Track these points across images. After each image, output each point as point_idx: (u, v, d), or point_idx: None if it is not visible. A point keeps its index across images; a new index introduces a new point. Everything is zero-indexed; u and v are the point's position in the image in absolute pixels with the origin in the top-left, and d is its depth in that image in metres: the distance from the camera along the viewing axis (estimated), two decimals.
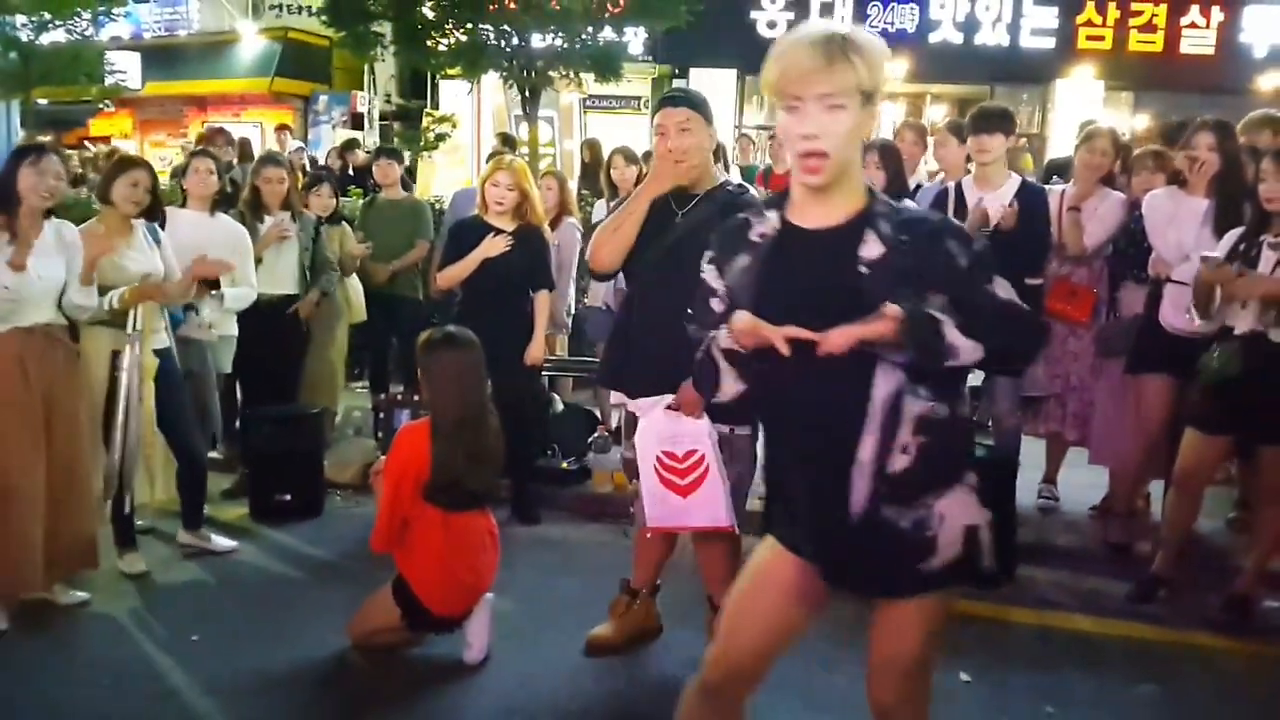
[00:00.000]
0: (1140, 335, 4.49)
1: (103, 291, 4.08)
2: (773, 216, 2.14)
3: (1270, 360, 3.70)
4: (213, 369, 4.85)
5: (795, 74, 1.97)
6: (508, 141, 9.74)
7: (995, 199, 4.57)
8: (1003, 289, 2.06)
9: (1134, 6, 14.88)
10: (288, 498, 5.05)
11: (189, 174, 5.00)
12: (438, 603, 3.51)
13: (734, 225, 2.23)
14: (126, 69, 16.33)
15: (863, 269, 2.01)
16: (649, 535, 3.54)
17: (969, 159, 4.93)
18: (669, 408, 3.30)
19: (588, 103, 16.66)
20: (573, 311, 6.19)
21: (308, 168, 8.87)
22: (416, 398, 3.74)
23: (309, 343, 5.54)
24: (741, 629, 2.24)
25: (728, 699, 2.30)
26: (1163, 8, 14.84)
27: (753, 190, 3.53)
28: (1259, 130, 4.69)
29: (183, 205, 4.98)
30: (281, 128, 12.73)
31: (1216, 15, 14.83)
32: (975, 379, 5.02)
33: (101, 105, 16.22)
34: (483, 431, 3.59)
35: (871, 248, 2.02)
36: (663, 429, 3.31)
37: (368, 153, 10.10)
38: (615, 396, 3.64)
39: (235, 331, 5.07)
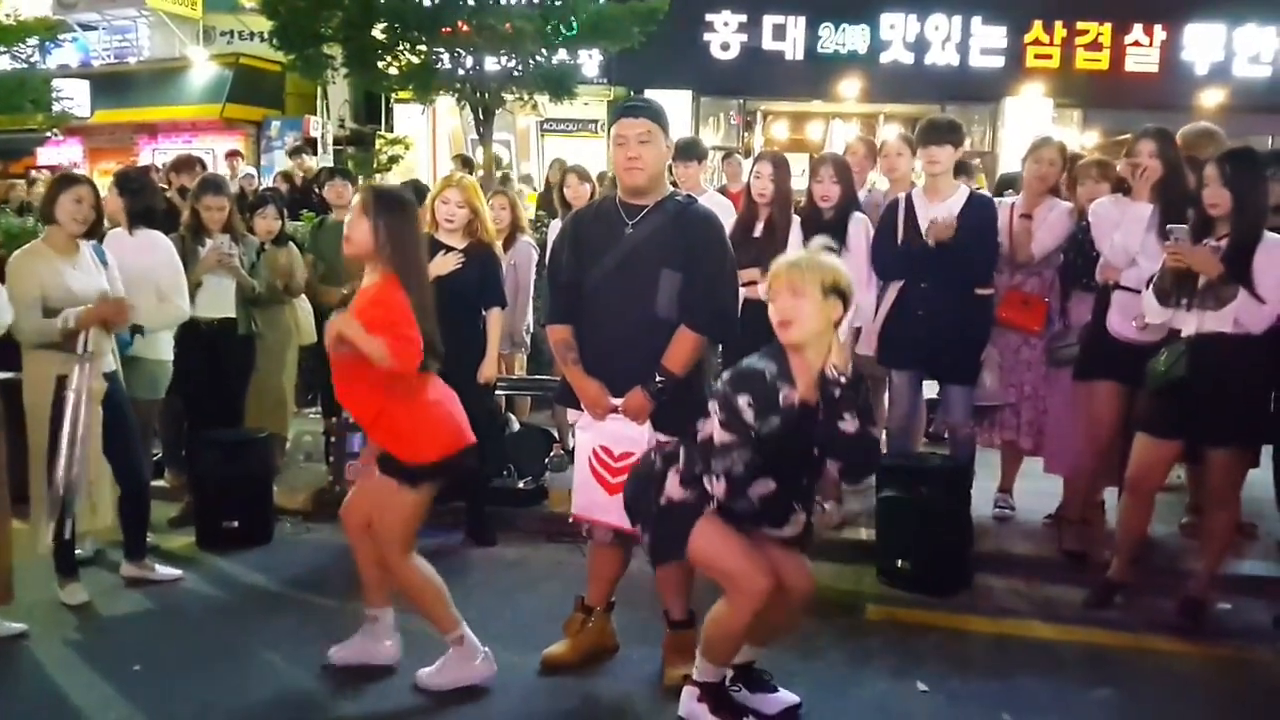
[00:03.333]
0: (1088, 342, 4.53)
1: (50, 314, 3.98)
2: (789, 390, 2.92)
3: (1216, 363, 3.74)
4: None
5: (771, 278, 3.01)
6: (466, 164, 9.71)
7: (944, 209, 4.60)
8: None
9: (1080, 25, 15.20)
10: (235, 525, 4.94)
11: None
12: (439, 447, 3.35)
13: (764, 379, 2.91)
14: (75, 96, 16.11)
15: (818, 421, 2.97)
16: (570, 522, 3.59)
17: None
18: (614, 411, 3.30)
19: (545, 126, 16.70)
20: (531, 330, 6.14)
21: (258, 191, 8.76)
22: None
23: (255, 366, 5.44)
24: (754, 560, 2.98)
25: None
26: (1107, 26, 15.18)
27: (699, 201, 3.53)
28: (1199, 142, 4.77)
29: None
30: (232, 154, 12.55)
31: (1159, 34, 15.20)
32: (930, 391, 5.05)
33: (49, 133, 15.98)
34: None
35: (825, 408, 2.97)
36: (605, 425, 3.34)
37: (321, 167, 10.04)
38: (573, 414, 3.60)
39: (170, 356, 4.97)
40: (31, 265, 4.04)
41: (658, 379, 3.24)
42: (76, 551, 4.29)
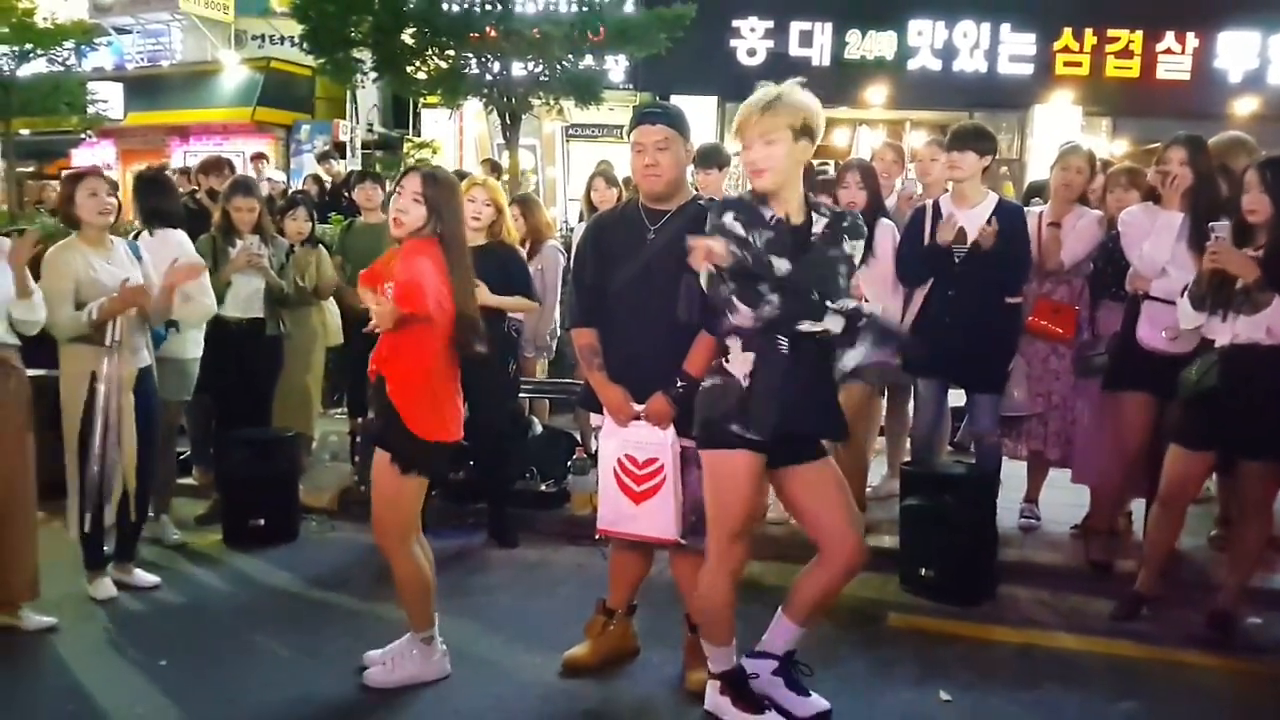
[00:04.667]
0: (1117, 352, 4.49)
1: (80, 307, 4.04)
2: (769, 209, 3.00)
3: (1249, 373, 3.69)
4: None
5: (741, 123, 2.98)
6: (495, 169, 9.74)
7: (972, 217, 4.57)
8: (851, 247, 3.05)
9: (1110, 33, 15.03)
10: (262, 522, 4.98)
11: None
12: (448, 431, 3.42)
13: (745, 202, 3.02)
14: (109, 99, 16.32)
15: (814, 239, 3.02)
16: (598, 538, 3.55)
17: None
18: (637, 417, 3.30)
19: (570, 131, 16.73)
20: (557, 335, 6.14)
21: (286, 193, 8.83)
22: None
23: (283, 367, 5.48)
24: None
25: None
26: (1139, 34, 15.00)
27: None
28: (1231, 151, 4.70)
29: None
30: (257, 156, 12.55)
31: (1191, 41, 15.00)
32: (957, 399, 5.02)
33: (83, 135, 16.20)
34: None
35: (818, 225, 3.04)
36: (628, 433, 3.32)
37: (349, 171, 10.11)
38: (595, 418, 3.60)
39: (197, 355, 5.01)
40: (65, 259, 4.09)
41: (679, 383, 3.23)
42: (104, 547, 4.33)
